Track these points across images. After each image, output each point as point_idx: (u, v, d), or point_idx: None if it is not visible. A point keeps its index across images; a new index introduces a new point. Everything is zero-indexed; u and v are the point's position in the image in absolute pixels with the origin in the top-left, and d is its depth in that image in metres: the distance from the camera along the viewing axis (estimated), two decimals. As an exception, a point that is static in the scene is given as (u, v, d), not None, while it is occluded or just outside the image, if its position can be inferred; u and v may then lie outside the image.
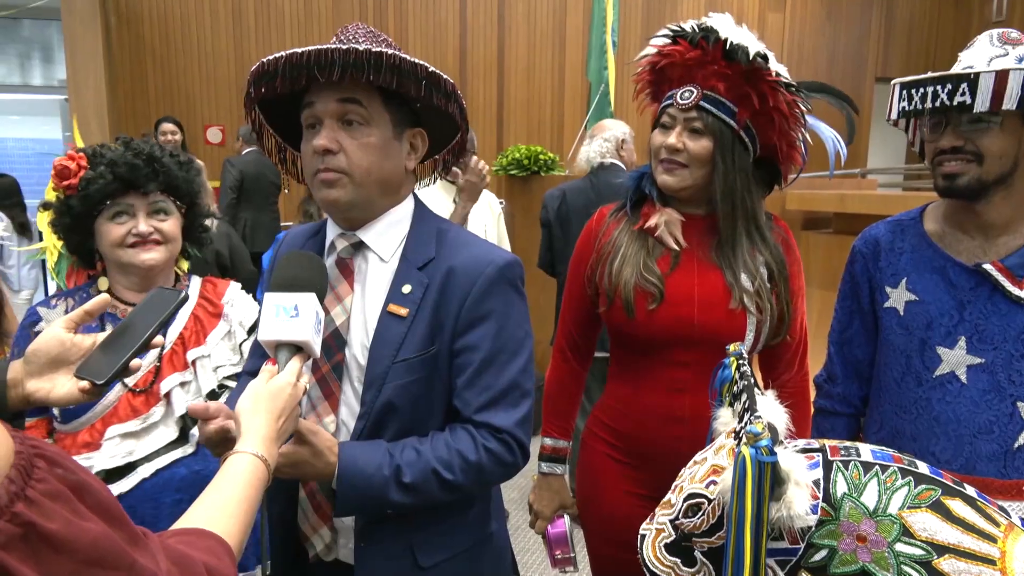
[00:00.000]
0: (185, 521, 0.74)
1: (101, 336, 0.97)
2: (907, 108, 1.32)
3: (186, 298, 0.99)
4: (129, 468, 1.38)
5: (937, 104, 1.26)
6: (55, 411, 1.39)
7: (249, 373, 1.36)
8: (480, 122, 7.33)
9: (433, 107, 1.15)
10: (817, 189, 4.86)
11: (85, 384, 0.91)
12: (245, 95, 1.16)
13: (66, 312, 1.45)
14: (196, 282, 1.58)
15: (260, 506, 0.99)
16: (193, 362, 1.46)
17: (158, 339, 0.97)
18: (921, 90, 1.29)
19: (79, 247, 1.49)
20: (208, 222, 1.62)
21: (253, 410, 0.92)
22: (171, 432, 1.42)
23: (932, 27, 8.64)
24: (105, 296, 0.98)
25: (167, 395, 1.42)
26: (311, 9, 6.97)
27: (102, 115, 6.01)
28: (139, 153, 1.42)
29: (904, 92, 1.32)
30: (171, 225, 1.47)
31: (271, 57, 1.08)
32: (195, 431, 1.39)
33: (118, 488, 1.36)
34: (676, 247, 1.45)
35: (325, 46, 1.05)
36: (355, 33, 1.13)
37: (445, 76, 1.13)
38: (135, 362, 0.94)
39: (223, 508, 0.77)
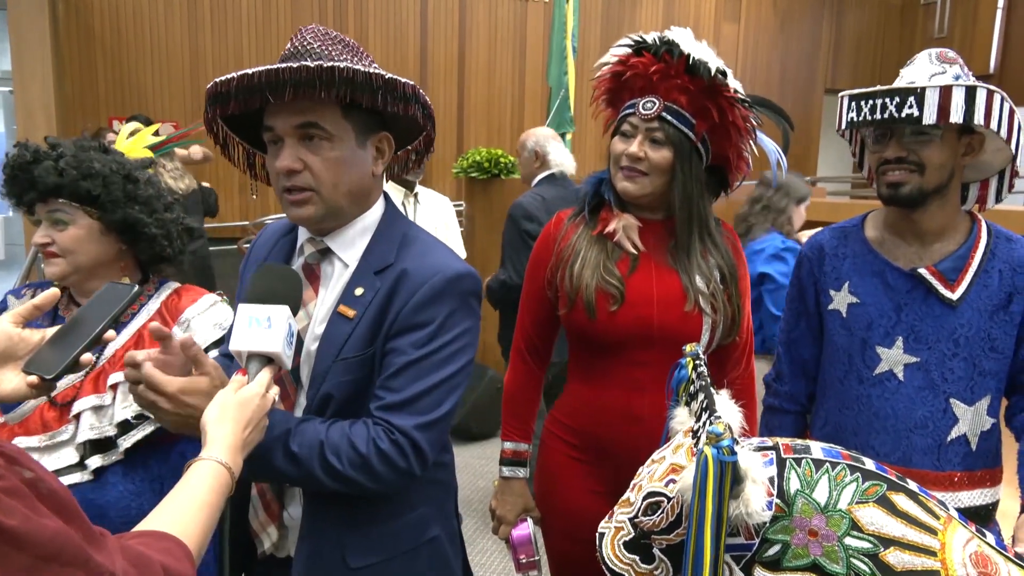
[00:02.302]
0: (146, 524, 0.74)
1: (51, 331, 0.95)
2: (856, 119, 1.38)
3: (140, 292, 0.98)
4: None
5: (886, 116, 1.32)
6: None
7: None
8: (440, 124, 7.21)
9: (396, 110, 1.14)
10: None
11: (34, 379, 0.89)
12: (204, 115, 1.15)
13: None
14: (164, 291, 1.49)
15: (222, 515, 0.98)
16: (114, 386, 1.36)
17: (110, 334, 0.95)
18: (870, 102, 1.34)
19: None
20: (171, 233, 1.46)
21: (220, 419, 0.91)
22: (73, 455, 1.34)
23: (879, 41, 8.97)
24: (55, 291, 0.96)
25: (77, 416, 1.34)
26: (269, 6, 6.86)
27: (49, 108, 5.79)
28: (21, 160, 1.33)
29: (853, 104, 1.38)
30: (68, 236, 1.34)
31: (223, 78, 1.07)
32: (93, 461, 1.33)
33: None
34: (634, 251, 1.49)
35: (276, 66, 1.04)
36: (310, 40, 1.11)
37: (403, 80, 1.11)
38: (86, 357, 0.92)
39: (184, 512, 0.77)
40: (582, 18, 6.17)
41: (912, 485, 0.93)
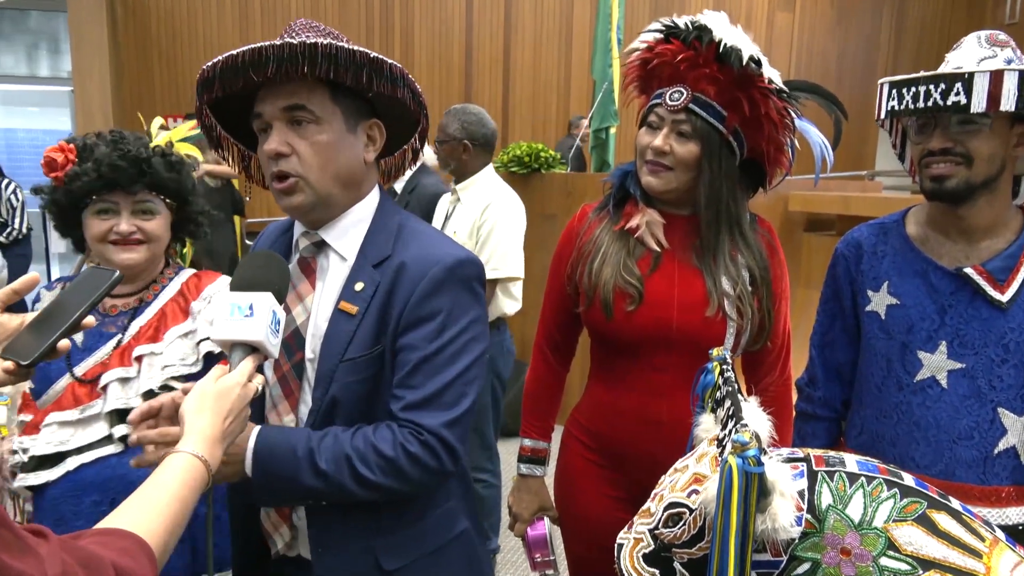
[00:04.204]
0: (110, 519, 0.73)
1: (30, 316, 0.95)
2: (897, 108, 1.29)
3: (120, 279, 0.97)
4: (60, 458, 1.36)
5: (929, 104, 1.23)
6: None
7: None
8: (485, 119, 7.31)
9: (383, 95, 1.12)
10: (821, 191, 4.82)
11: (9, 364, 0.88)
12: (195, 107, 1.15)
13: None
14: (182, 276, 1.56)
15: (207, 508, 0.97)
16: (139, 358, 1.41)
17: (88, 320, 0.94)
18: (912, 89, 1.25)
19: (69, 232, 1.49)
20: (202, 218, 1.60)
21: (198, 409, 0.90)
22: (104, 428, 1.39)
23: (943, 28, 8.59)
24: (34, 275, 0.95)
25: (104, 388, 1.39)
26: (317, 5, 6.96)
27: (106, 108, 6.02)
28: (125, 154, 1.39)
29: (894, 91, 1.29)
30: (155, 224, 1.44)
31: (209, 63, 1.07)
32: (118, 429, 1.37)
33: (46, 476, 1.35)
34: (657, 248, 1.43)
35: (258, 44, 1.04)
36: (298, 29, 1.11)
37: (390, 61, 1.09)
38: (63, 343, 0.91)
39: (152, 508, 0.75)
40: (631, 9, 6.08)
41: (955, 504, 0.87)
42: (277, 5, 6.90)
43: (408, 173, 2.89)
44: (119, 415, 1.38)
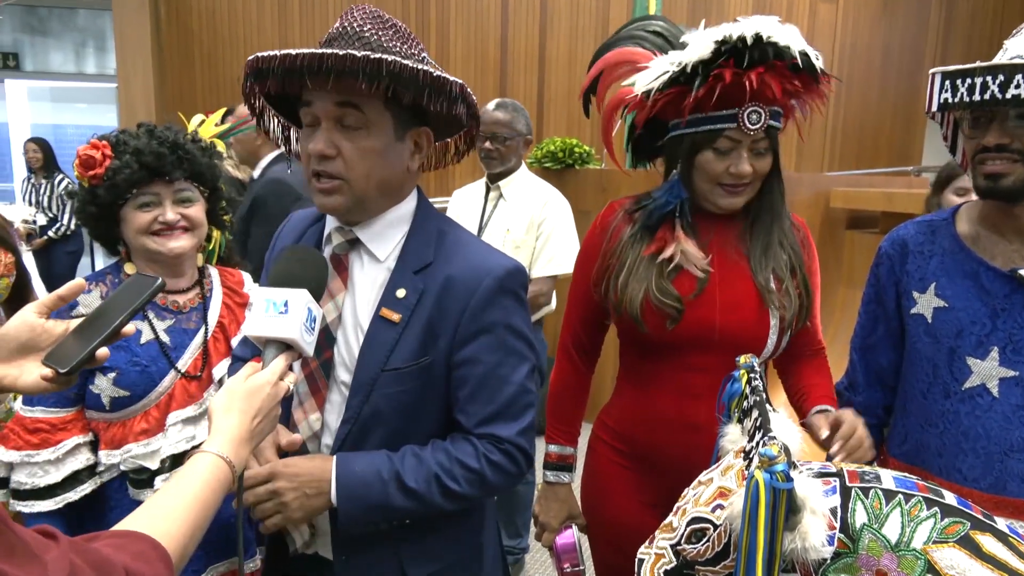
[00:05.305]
0: (128, 521, 0.72)
1: (74, 323, 0.94)
2: (950, 100, 1.21)
3: (162, 285, 0.97)
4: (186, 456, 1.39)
5: (986, 97, 1.16)
6: (104, 401, 1.38)
7: (239, 359, 1.36)
8: (520, 114, 7.28)
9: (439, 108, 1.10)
10: (864, 187, 4.68)
11: (48, 372, 0.88)
12: (242, 86, 1.13)
13: (101, 296, 1.46)
14: (214, 272, 1.59)
15: (237, 507, 0.96)
16: None
17: (128, 328, 0.94)
18: (967, 81, 1.18)
19: (103, 234, 1.50)
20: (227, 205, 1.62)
21: (226, 408, 0.89)
22: None
23: (996, 17, 8.23)
24: (80, 281, 0.96)
25: (220, 381, 1.45)
26: (355, 3, 7.00)
27: (149, 105, 6.14)
28: (164, 141, 1.42)
29: (947, 83, 1.22)
30: (197, 211, 1.47)
31: (266, 54, 1.04)
32: None
33: None
34: (701, 275, 1.37)
35: (320, 51, 1.00)
36: (361, 21, 1.07)
37: (452, 79, 1.06)
38: (102, 351, 0.90)
39: (172, 510, 0.74)
40: (669, 4, 5.97)
41: (1001, 525, 0.81)
42: (315, 4, 6.96)
43: (266, 160, 2.97)
44: None
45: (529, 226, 2.71)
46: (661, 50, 1.42)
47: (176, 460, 1.39)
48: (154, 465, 1.39)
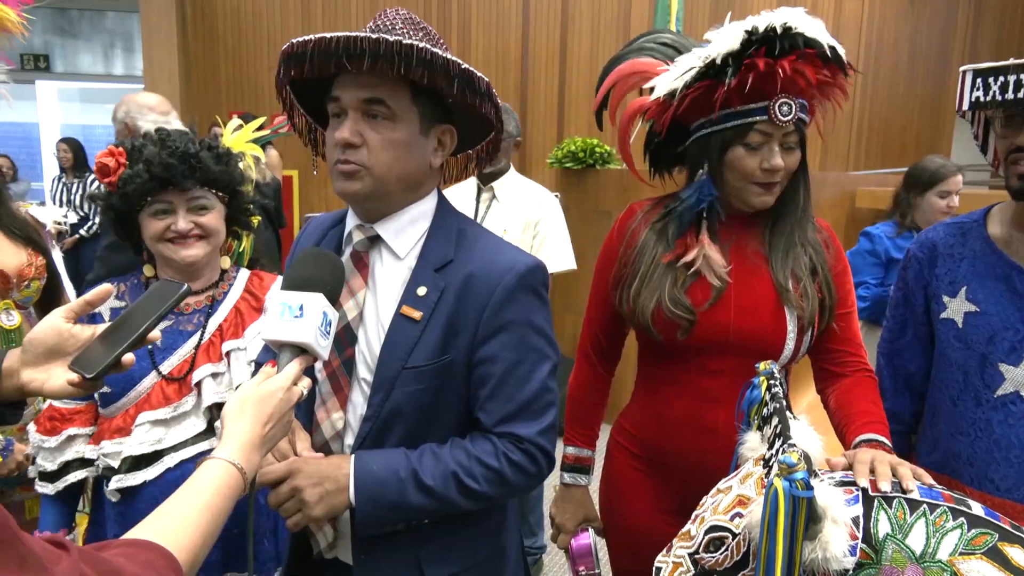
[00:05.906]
0: (140, 528, 0.72)
1: (100, 328, 0.94)
2: (982, 99, 1.19)
3: (188, 292, 0.97)
4: (156, 456, 1.40)
5: (1020, 95, 1.14)
6: (96, 395, 1.42)
7: (260, 365, 1.37)
8: (540, 113, 7.28)
9: (466, 105, 1.11)
10: (890, 186, 4.60)
11: (74, 377, 0.88)
12: (276, 75, 1.14)
13: (118, 296, 1.48)
14: (243, 275, 1.59)
15: (249, 513, 0.97)
16: (227, 354, 1.46)
17: (154, 334, 0.94)
18: (1001, 79, 1.16)
19: (128, 237, 1.52)
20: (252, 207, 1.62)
21: (238, 413, 0.89)
22: (200, 423, 1.43)
23: (1028, 13, 8.06)
24: (107, 286, 0.96)
25: (198, 385, 1.43)
26: (376, 4, 7.03)
27: (175, 104, 6.22)
28: (174, 152, 1.41)
29: (979, 80, 1.20)
30: (212, 218, 1.47)
31: (301, 39, 1.06)
32: (219, 423, 1.40)
33: (144, 476, 1.38)
34: (718, 283, 1.34)
35: (355, 33, 1.02)
36: (393, 19, 1.09)
37: (479, 74, 1.09)
38: (128, 357, 0.90)
39: (183, 517, 0.74)
40: (691, 3, 5.92)
41: (1031, 536, 0.80)
42: (338, 5, 7.01)
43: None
44: (217, 408, 1.43)
45: (526, 226, 2.74)
46: (672, 60, 1.41)
47: (138, 462, 1.38)
48: (116, 464, 1.40)
